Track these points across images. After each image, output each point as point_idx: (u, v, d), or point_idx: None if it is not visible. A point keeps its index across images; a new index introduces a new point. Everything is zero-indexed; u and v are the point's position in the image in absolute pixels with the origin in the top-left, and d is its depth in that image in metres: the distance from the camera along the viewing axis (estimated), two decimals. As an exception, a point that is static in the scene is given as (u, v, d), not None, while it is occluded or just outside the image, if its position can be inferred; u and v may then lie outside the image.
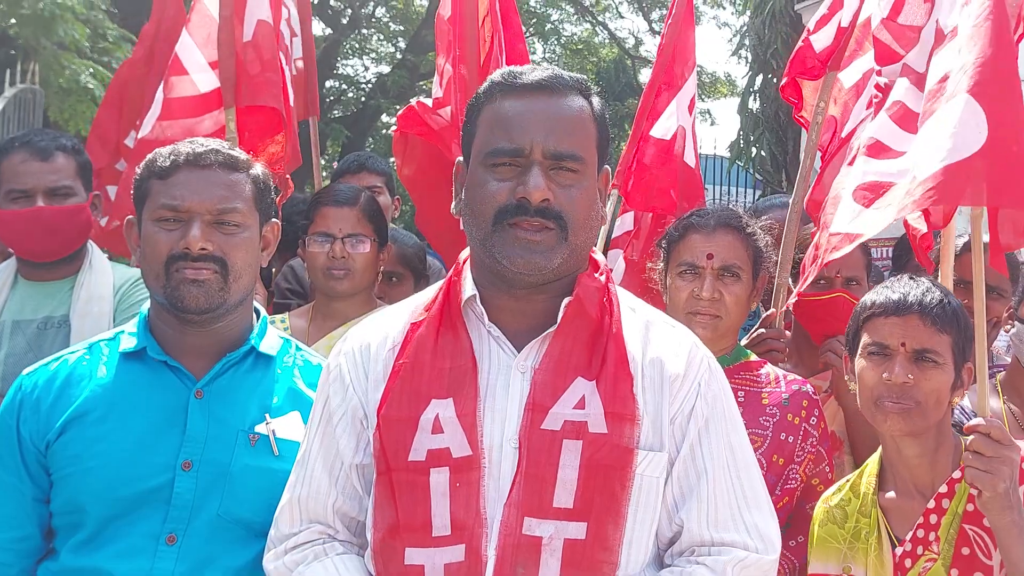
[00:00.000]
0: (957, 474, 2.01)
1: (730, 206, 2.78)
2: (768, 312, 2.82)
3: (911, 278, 2.15)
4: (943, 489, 2.04)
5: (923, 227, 2.67)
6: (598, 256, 1.77)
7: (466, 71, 3.27)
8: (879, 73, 2.62)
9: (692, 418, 1.67)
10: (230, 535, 1.90)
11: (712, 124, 26.68)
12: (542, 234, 1.63)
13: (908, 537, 2.05)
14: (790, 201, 3.07)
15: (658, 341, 1.71)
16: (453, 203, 1.77)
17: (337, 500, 1.71)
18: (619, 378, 1.63)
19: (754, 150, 11.73)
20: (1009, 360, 2.78)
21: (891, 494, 2.12)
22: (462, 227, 1.73)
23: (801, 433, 2.37)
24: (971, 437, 1.96)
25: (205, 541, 1.88)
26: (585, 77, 1.76)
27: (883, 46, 2.60)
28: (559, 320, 1.66)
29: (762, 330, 2.77)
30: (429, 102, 3.49)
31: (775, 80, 10.63)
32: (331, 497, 1.71)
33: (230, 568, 1.88)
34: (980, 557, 1.99)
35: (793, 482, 2.33)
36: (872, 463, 2.18)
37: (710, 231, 2.45)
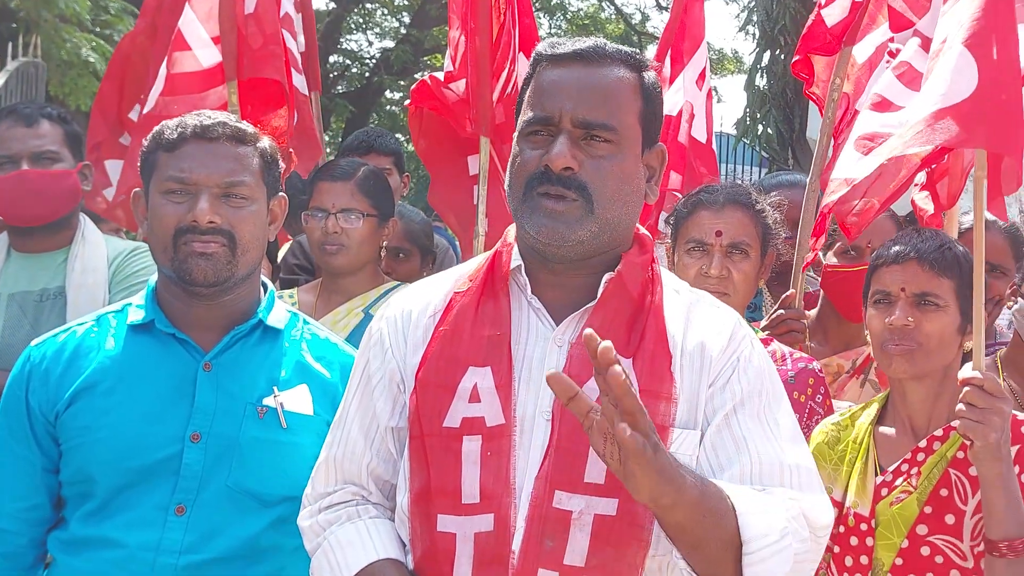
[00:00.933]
0: (955, 423, 2.04)
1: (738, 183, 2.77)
2: (787, 293, 2.80)
3: (916, 230, 2.21)
4: (938, 432, 2.09)
5: (930, 207, 2.67)
6: (645, 233, 1.74)
7: (479, 43, 3.24)
8: (892, 40, 2.62)
9: (727, 389, 1.62)
10: (238, 506, 1.91)
11: (719, 101, 26.57)
12: (563, 204, 1.60)
13: (891, 468, 2.10)
14: (800, 179, 3.06)
15: (700, 321, 1.68)
16: (505, 178, 1.74)
17: (372, 462, 1.71)
18: (656, 356, 1.61)
19: (760, 127, 11.65)
20: (1011, 336, 2.78)
21: (887, 429, 2.17)
22: (507, 201, 1.71)
23: (807, 411, 2.38)
24: (966, 389, 1.99)
25: (214, 512, 1.89)
26: (636, 51, 1.71)
27: (897, 14, 2.61)
28: (599, 295, 1.64)
29: (780, 311, 2.75)
30: (441, 75, 3.46)
31: (783, 57, 10.57)
32: (366, 458, 1.71)
33: (238, 538, 1.90)
34: (956, 501, 2.03)
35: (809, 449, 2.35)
36: (878, 399, 2.24)
37: (719, 208, 2.43)
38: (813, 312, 2.91)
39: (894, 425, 2.17)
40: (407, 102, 3.58)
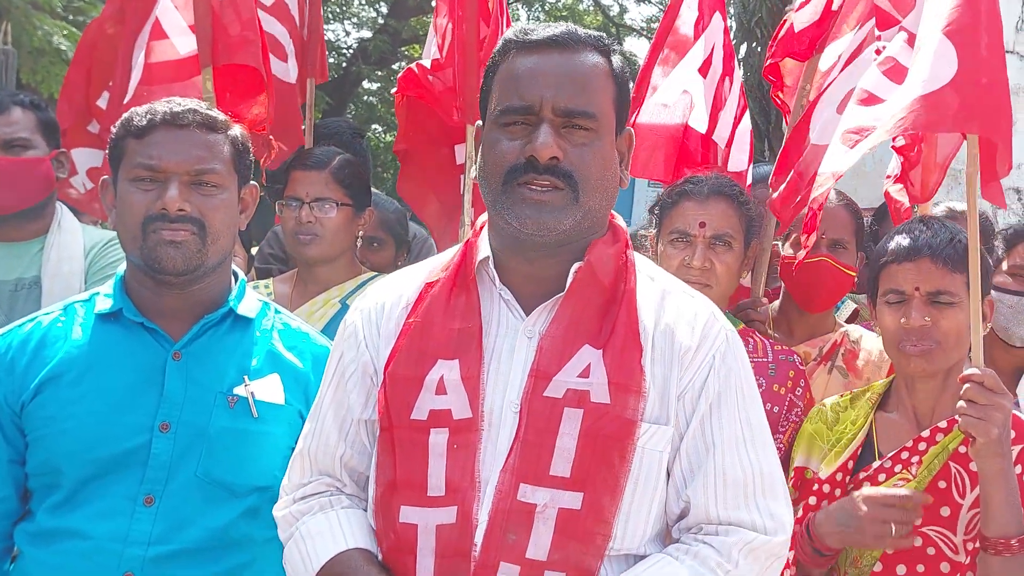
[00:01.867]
0: (959, 417, 2.03)
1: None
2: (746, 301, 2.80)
3: (922, 221, 2.17)
4: (942, 424, 2.09)
5: (905, 200, 2.67)
6: (620, 221, 1.74)
7: (467, 31, 3.21)
8: (878, 38, 2.63)
9: (703, 392, 1.62)
10: (208, 496, 1.90)
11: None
12: (551, 194, 1.58)
13: (890, 455, 2.10)
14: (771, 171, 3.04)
15: (673, 311, 1.66)
16: (472, 167, 1.73)
17: (345, 453, 1.71)
18: (627, 348, 1.59)
19: (737, 120, 11.71)
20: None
21: (889, 415, 2.17)
22: (480, 191, 1.70)
23: (787, 403, 2.38)
24: (966, 386, 1.98)
25: (183, 502, 1.88)
26: (604, 35, 1.70)
27: (883, 12, 2.62)
28: (568, 285, 1.63)
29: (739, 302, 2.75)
30: (427, 63, 3.43)
31: (759, 49, 10.58)
32: (340, 450, 1.71)
33: (208, 528, 1.89)
34: (954, 494, 2.04)
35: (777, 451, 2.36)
36: (881, 383, 2.24)
37: (703, 199, 2.42)
38: (775, 305, 2.91)
39: (896, 412, 2.16)
40: (393, 91, 3.54)
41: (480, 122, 1.71)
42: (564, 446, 1.55)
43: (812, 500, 2.12)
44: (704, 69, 3.20)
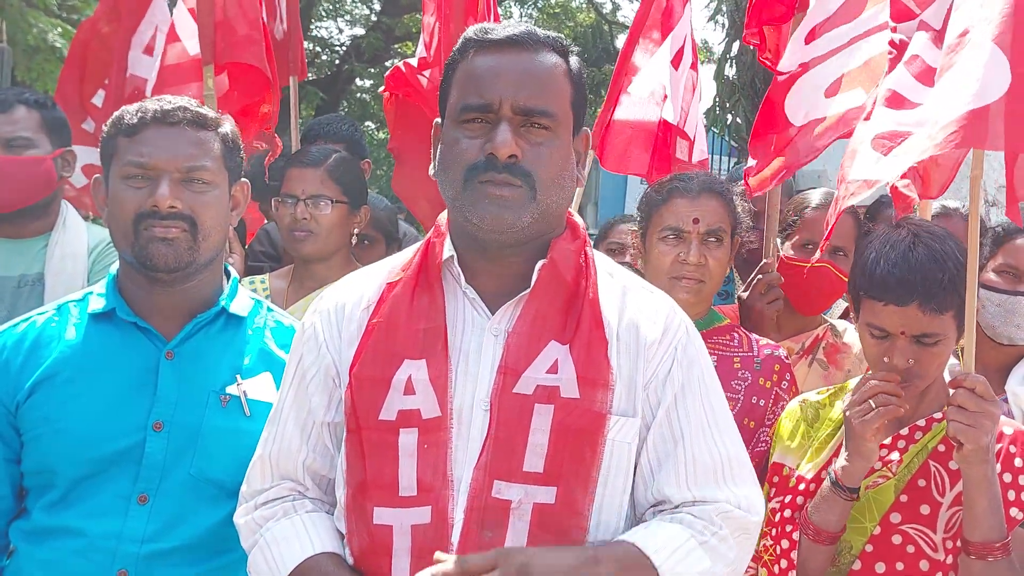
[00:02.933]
0: (939, 415, 2.03)
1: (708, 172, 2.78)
2: (764, 261, 2.81)
3: (912, 243, 2.02)
4: (921, 423, 2.08)
5: (914, 196, 2.67)
6: (577, 219, 1.75)
7: (455, 30, 3.23)
8: (894, 30, 2.61)
9: (668, 382, 1.65)
10: (202, 495, 1.91)
11: (690, 91, 26.61)
12: (509, 190, 1.60)
13: None
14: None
15: (635, 306, 1.69)
16: (431, 165, 1.74)
17: (308, 457, 1.71)
18: (593, 343, 1.62)
19: (730, 117, 11.72)
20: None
21: None
22: (440, 189, 1.70)
23: (772, 397, 2.39)
24: (955, 391, 1.97)
25: (176, 501, 1.89)
26: (563, 36, 1.72)
27: (899, 4, 2.60)
28: (532, 283, 1.65)
29: (760, 276, 2.74)
30: (414, 62, 3.44)
31: (752, 46, 10.56)
32: (302, 454, 1.71)
33: (201, 527, 1.90)
34: (933, 492, 2.03)
35: (763, 445, 2.36)
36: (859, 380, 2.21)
37: (695, 195, 2.43)
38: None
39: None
40: (381, 89, 3.56)
41: (439, 120, 1.72)
42: (536, 441, 1.57)
43: (799, 500, 2.11)
44: (676, 61, 3.24)
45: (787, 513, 2.10)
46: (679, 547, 1.58)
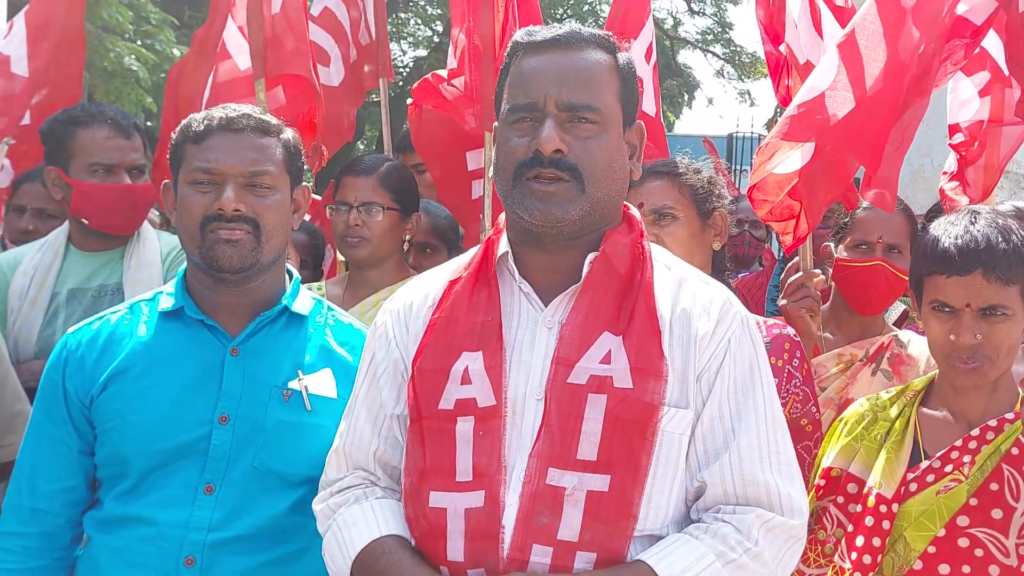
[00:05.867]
0: (1011, 415, 1.98)
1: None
2: (793, 261, 2.79)
3: (971, 220, 2.00)
4: (992, 423, 2.01)
5: (963, 199, 2.65)
6: (634, 212, 1.78)
7: (480, 42, 3.32)
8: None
9: (719, 375, 1.66)
10: (264, 485, 1.97)
11: (752, 104, 26.44)
12: (556, 185, 1.64)
13: (939, 454, 2.03)
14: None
15: (689, 297, 1.70)
16: (490, 169, 1.81)
17: (379, 448, 1.77)
18: (646, 334, 1.63)
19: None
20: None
21: (934, 412, 2.09)
22: (496, 189, 1.76)
23: (785, 375, 2.39)
24: None
25: (241, 491, 1.95)
26: (609, 33, 1.76)
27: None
28: (584, 275, 1.68)
29: (793, 278, 2.70)
30: (444, 73, 3.54)
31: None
32: (373, 445, 1.77)
33: (264, 516, 1.96)
34: (1007, 497, 1.96)
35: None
36: (922, 381, 2.17)
37: (639, 184, 2.44)
38: (826, 306, 2.91)
39: (942, 410, 2.08)
40: (408, 101, 3.68)
41: (496, 124, 1.77)
42: (590, 430, 1.60)
43: (868, 520, 2.02)
44: (648, 55, 3.30)
45: (835, 512, 2.07)
46: (700, 572, 1.57)
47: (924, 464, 2.04)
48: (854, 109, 2.28)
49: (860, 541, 2.01)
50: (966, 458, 2.00)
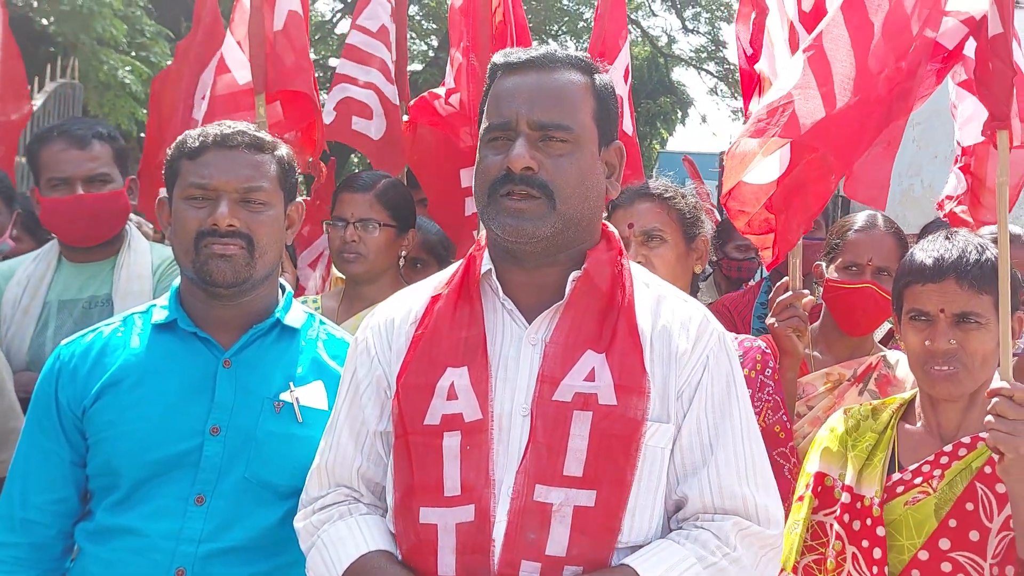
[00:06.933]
0: (984, 434, 2.00)
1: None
2: (781, 280, 2.82)
3: (947, 237, 2.11)
4: (966, 440, 2.06)
5: (971, 221, 2.68)
6: (612, 229, 1.81)
7: (477, 61, 3.37)
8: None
9: (698, 391, 1.69)
10: (255, 497, 1.98)
11: (745, 123, 26.53)
12: (527, 202, 1.67)
13: (912, 467, 2.07)
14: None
15: (668, 314, 1.74)
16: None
17: (362, 465, 1.78)
18: (629, 351, 1.66)
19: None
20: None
21: (911, 427, 2.14)
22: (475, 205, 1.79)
23: (757, 384, 2.44)
24: (994, 400, 1.95)
25: (232, 502, 1.97)
26: (586, 55, 1.80)
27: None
28: (567, 294, 1.70)
29: (781, 297, 2.73)
30: (441, 91, 3.59)
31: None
32: (356, 462, 1.78)
33: (255, 528, 1.97)
34: (982, 517, 1.99)
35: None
36: (903, 397, 2.22)
37: (629, 204, 2.49)
38: (816, 325, 2.94)
39: (919, 425, 2.13)
40: (404, 119, 3.72)
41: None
42: (576, 447, 1.62)
43: (855, 524, 2.07)
44: (626, 75, 3.37)
45: (837, 527, 2.08)
46: (682, 574, 1.60)
47: (896, 476, 2.08)
48: (823, 106, 2.33)
49: (865, 543, 2.05)
50: (936, 472, 2.04)
